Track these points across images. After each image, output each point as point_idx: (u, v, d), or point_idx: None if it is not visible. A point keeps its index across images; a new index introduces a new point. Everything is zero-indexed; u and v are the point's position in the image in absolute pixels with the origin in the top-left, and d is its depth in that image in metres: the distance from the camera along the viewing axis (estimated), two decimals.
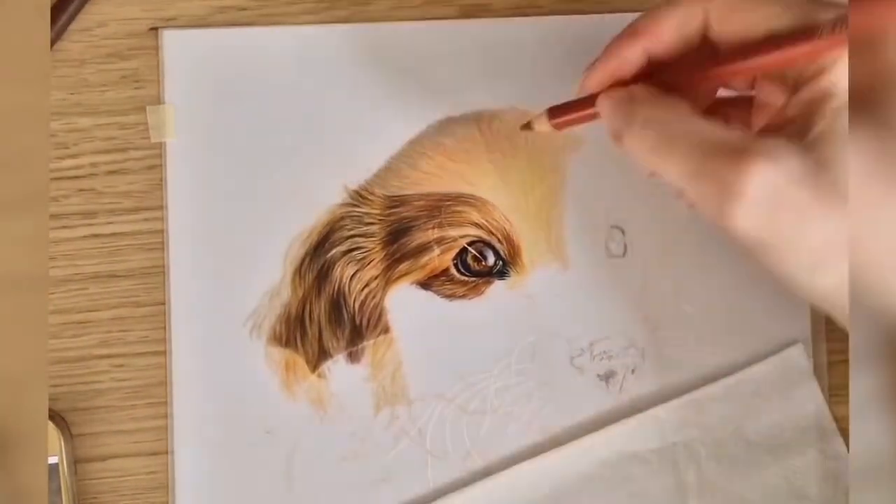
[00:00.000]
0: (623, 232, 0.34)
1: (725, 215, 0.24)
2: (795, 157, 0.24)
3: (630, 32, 0.28)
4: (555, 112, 0.30)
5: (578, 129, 0.33)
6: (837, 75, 0.25)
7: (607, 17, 0.34)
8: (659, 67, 0.28)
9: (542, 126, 0.30)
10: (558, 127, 0.30)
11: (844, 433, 0.34)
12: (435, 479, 0.33)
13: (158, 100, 0.33)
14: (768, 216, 0.24)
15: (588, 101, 0.29)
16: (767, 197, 0.24)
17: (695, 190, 0.25)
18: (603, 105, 0.28)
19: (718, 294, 0.34)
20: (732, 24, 0.26)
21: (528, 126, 0.31)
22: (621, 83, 0.28)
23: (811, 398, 0.34)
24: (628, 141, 0.27)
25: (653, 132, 0.26)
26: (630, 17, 0.33)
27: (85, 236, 0.33)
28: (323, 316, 0.33)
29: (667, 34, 0.27)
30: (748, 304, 0.34)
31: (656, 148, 0.26)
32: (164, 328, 0.33)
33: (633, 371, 0.34)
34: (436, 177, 0.34)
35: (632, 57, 0.28)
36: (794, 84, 0.26)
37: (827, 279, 0.25)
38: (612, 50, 0.28)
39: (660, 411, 0.33)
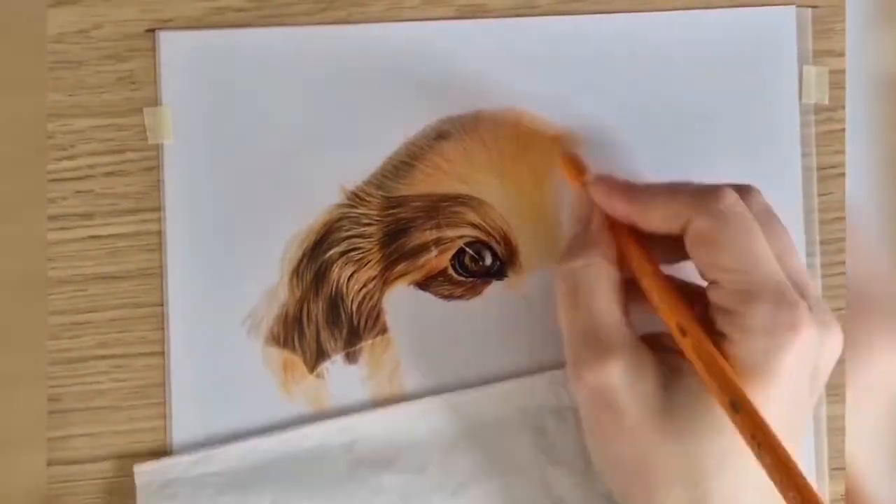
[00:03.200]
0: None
1: (572, 387, 0.29)
2: (650, 382, 0.28)
3: (628, 194, 0.30)
4: (573, 161, 0.33)
5: (577, 129, 0.34)
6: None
7: (605, 17, 0.34)
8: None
9: (563, 157, 0.33)
10: (562, 166, 0.33)
11: (840, 432, 0.34)
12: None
13: (156, 101, 0.33)
14: (598, 411, 0.28)
15: (579, 167, 0.32)
16: (602, 393, 0.27)
17: (565, 352, 0.29)
18: (573, 202, 0.33)
19: None
20: (696, 254, 0.28)
21: (556, 140, 0.34)
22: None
23: None
24: (556, 273, 0.30)
25: (569, 283, 0.29)
26: (630, 17, 0.34)
27: (83, 237, 0.33)
28: (321, 316, 0.34)
29: (651, 218, 0.29)
30: None
31: (563, 296, 0.29)
32: (163, 329, 0.33)
33: None
34: (433, 178, 0.34)
35: (621, 215, 0.30)
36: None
37: (613, 486, 0.29)
38: (610, 195, 0.30)
39: None
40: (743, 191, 0.29)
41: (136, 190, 0.33)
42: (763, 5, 0.34)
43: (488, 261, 0.34)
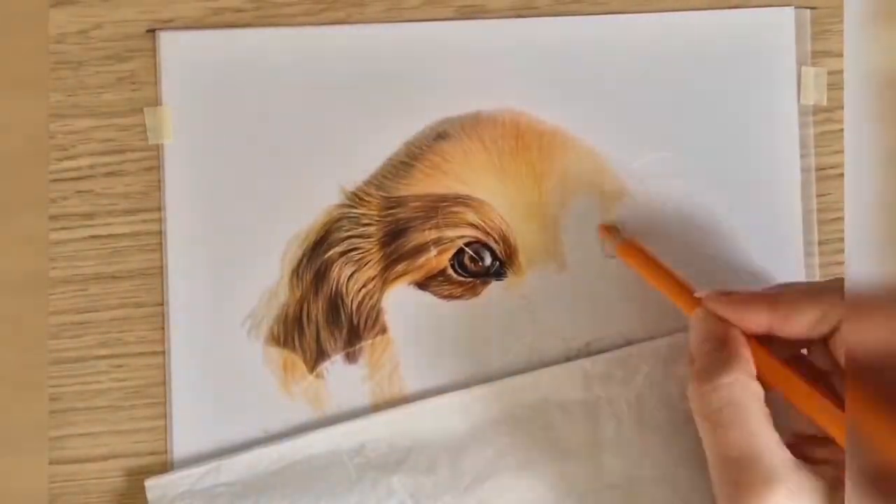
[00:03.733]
0: (619, 232, 0.34)
1: None
2: (811, 496, 0.26)
3: (769, 301, 0.28)
4: (632, 250, 0.32)
5: (575, 128, 0.34)
6: None
7: (604, 18, 0.34)
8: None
9: (611, 245, 0.33)
10: (624, 259, 0.32)
11: None
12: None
13: (156, 101, 0.33)
14: None
15: (682, 287, 0.31)
16: None
17: (715, 478, 0.27)
18: (696, 324, 0.29)
19: None
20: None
21: (606, 230, 0.33)
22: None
23: None
24: (694, 390, 0.28)
25: (717, 403, 0.27)
26: (628, 18, 0.34)
27: (83, 237, 0.33)
28: (320, 316, 0.34)
29: (800, 323, 0.28)
30: None
31: (710, 417, 0.27)
32: (163, 329, 0.33)
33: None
34: (432, 178, 0.34)
35: (758, 324, 0.28)
36: None
37: None
38: (747, 306, 0.28)
39: (586, 363, 0.33)
40: None
41: (136, 190, 0.33)
42: (761, 6, 0.34)
43: (487, 261, 0.34)
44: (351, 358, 0.34)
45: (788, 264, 0.34)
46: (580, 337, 0.34)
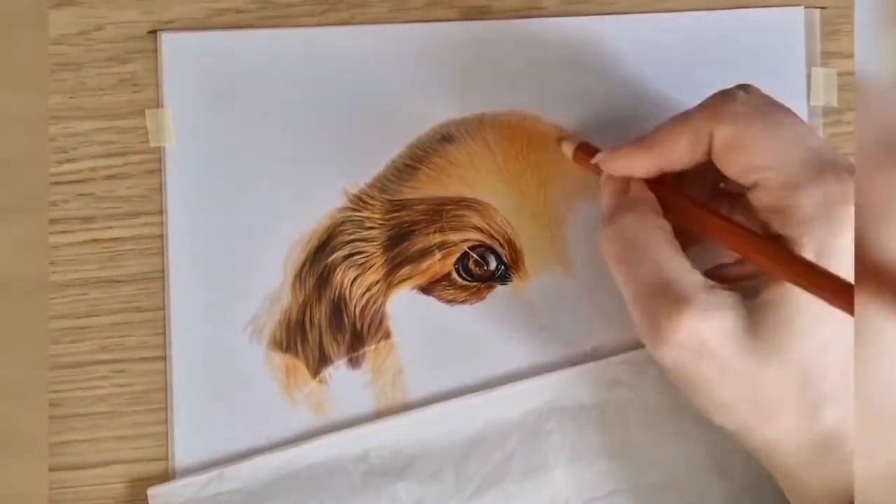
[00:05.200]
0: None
1: (653, 349, 0.27)
2: (734, 317, 0.27)
3: (644, 145, 0.29)
4: (583, 149, 0.32)
5: (582, 131, 0.34)
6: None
7: (610, 19, 0.34)
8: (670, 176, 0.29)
9: (567, 150, 0.33)
10: (576, 161, 0.32)
11: None
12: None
13: (157, 103, 0.33)
14: (690, 362, 0.27)
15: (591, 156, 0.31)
16: (692, 346, 0.26)
17: (635, 315, 0.28)
18: (603, 186, 0.31)
19: None
20: (729, 164, 0.27)
21: (559, 140, 0.33)
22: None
23: None
24: (604, 236, 0.29)
25: (622, 242, 0.28)
26: (636, 19, 0.34)
27: (84, 241, 0.33)
28: (323, 321, 0.33)
29: (676, 154, 0.28)
30: None
31: (619, 258, 0.28)
32: (164, 333, 0.33)
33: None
34: (437, 181, 0.33)
35: (645, 168, 0.29)
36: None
37: (730, 425, 0.28)
38: (627, 156, 0.29)
39: (593, 368, 0.33)
40: (741, 87, 0.28)
41: (137, 193, 0.33)
42: (771, 7, 0.34)
43: (492, 265, 0.33)
44: (354, 363, 0.33)
45: None
46: (586, 341, 0.33)
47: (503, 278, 0.33)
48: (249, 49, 0.33)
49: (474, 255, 0.33)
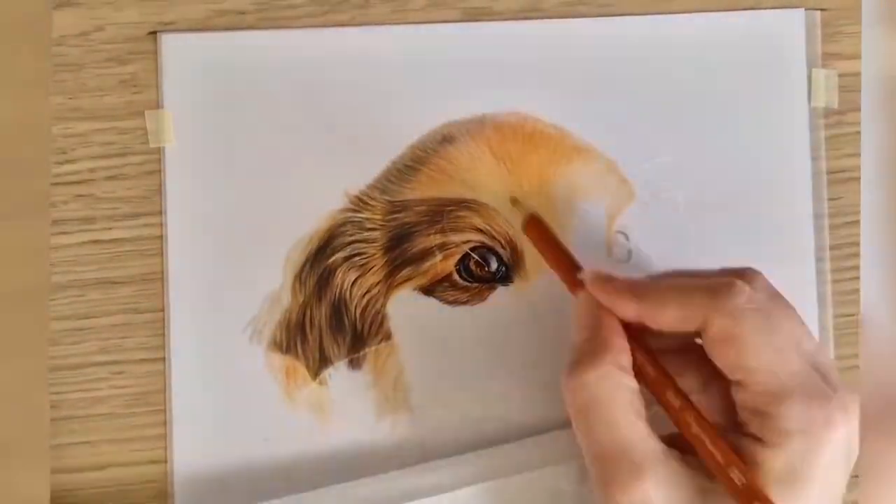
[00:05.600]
0: (627, 237, 0.34)
1: None
2: (683, 491, 0.26)
3: (635, 294, 0.28)
4: (533, 223, 0.31)
5: (582, 132, 0.34)
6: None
7: (611, 20, 0.34)
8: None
9: (518, 215, 0.32)
10: (527, 234, 0.31)
11: None
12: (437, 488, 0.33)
13: (157, 104, 0.33)
14: None
15: (569, 264, 0.30)
16: None
17: (590, 470, 0.27)
18: (577, 308, 0.29)
19: None
20: (718, 355, 0.27)
21: (513, 201, 0.32)
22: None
23: None
24: (564, 385, 0.28)
25: (583, 399, 0.27)
26: (636, 20, 0.34)
27: (84, 242, 0.33)
28: (324, 322, 0.33)
29: (664, 320, 0.28)
30: None
31: (578, 414, 0.27)
32: (164, 335, 0.33)
33: None
34: (438, 182, 0.33)
35: (628, 315, 0.28)
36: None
37: None
38: (614, 294, 0.28)
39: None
40: (748, 277, 0.28)
41: (137, 194, 0.33)
42: (772, 8, 0.34)
43: (493, 266, 0.33)
44: (355, 364, 0.33)
45: (799, 268, 0.34)
46: None
47: (504, 279, 0.33)
48: (249, 50, 0.33)
49: (475, 257, 0.33)
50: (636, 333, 0.28)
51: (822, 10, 0.34)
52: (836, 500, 0.27)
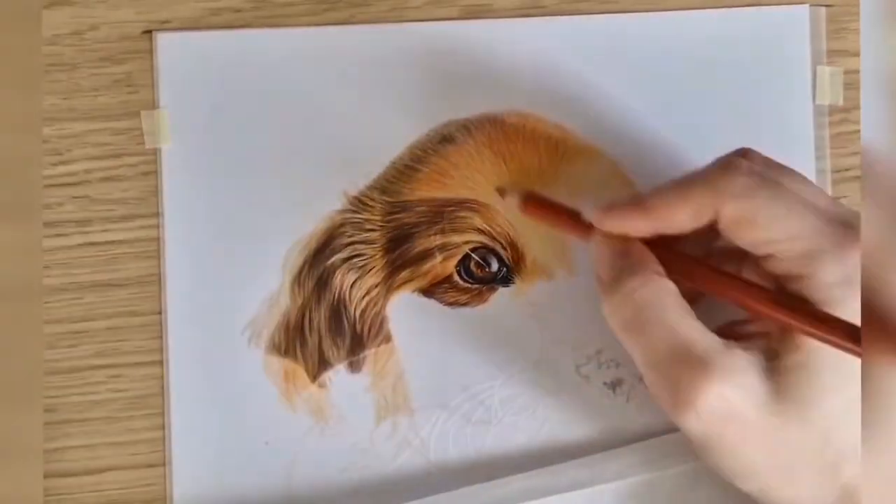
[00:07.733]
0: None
1: (676, 416, 0.27)
2: (756, 378, 0.26)
3: (642, 208, 0.28)
4: (531, 199, 0.31)
5: (584, 130, 0.33)
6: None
7: (613, 17, 0.33)
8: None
9: (512, 201, 0.31)
10: (527, 214, 0.31)
11: None
12: (438, 491, 0.32)
13: (153, 104, 0.33)
14: (715, 426, 0.26)
15: (575, 217, 0.30)
16: (717, 410, 0.26)
17: (651, 383, 0.27)
18: (597, 248, 0.29)
19: None
20: (740, 238, 0.27)
21: (500, 191, 0.32)
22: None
23: None
24: (606, 304, 0.28)
25: (631, 309, 0.27)
26: (639, 17, 0.33)
27: (79, 244, 0.33)
28: (323, 324, 0.33)
29: (677, 222, 0.28)
30: None
31: (628, 326, 0.27)
32: (161, 338, 0.33)
33: (641, 379, 0.33)
34: (438, 182, 0.33)
35: (642, 230, 0.28)
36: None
37: (752, 487, 0.28)
38: (623, 217, 0.28)
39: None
40: (741, 155, 0.28)
41: (133, 195, 0.33)
42: (776, 4, 0.34)
43: (494, 267, 0.33)
44: (354, 367, 0.33)
45: None
46: (590, 344, 0.33)
47: (505, 280, 0.33)
48: (246, 49, 0.33)
49: (476, 257, 0.33)
50: (663, 250, 0.28)
51: (827, 6, 0.34)
52: None
